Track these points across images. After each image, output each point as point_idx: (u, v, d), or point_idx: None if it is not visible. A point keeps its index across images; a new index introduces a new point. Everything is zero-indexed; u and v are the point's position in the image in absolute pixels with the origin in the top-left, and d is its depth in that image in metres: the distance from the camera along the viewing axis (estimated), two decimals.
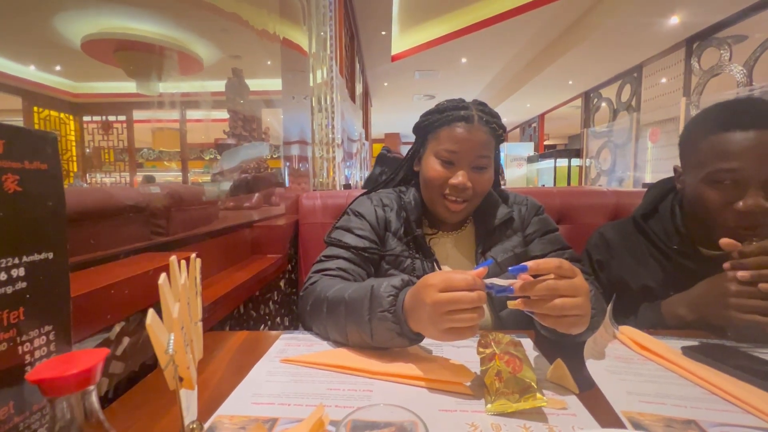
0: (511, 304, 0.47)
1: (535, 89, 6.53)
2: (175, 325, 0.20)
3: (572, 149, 7.33)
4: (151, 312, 0.19)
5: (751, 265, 0.57)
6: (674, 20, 3.92)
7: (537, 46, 5.61)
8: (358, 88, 5.17)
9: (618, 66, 5.35)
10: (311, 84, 2.32)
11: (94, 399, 0.26)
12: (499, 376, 0.42)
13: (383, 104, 8.61)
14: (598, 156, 6.15)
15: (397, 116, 9.49)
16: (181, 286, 0.22)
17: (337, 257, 0.73)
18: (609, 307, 0.59)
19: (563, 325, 0.45)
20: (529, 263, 0.45)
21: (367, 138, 6.56)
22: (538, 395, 0.40)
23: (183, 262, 0.26)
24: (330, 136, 2.57)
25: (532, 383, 0.41)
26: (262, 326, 0.98)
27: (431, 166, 0.74)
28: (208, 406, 0.42)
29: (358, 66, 5.06)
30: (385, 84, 7.11)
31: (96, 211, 0.59)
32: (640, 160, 5.27)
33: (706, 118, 0.70)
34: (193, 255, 0.26)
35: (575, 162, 7.01)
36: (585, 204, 1.26)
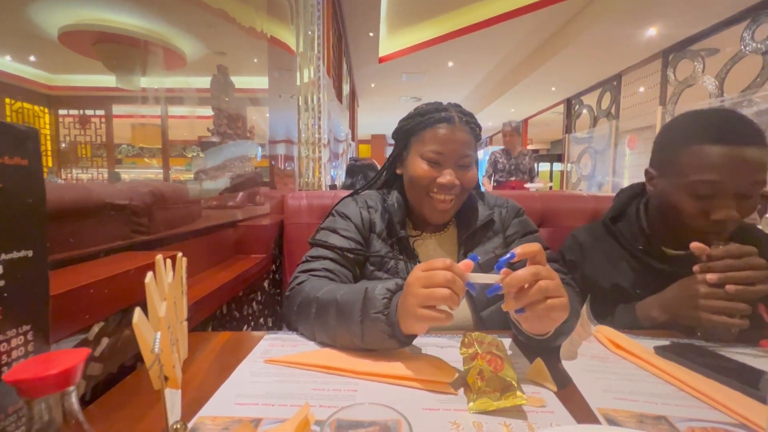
0: (505, 307, 0.48)
1: (520, 95, 6.66)
2: (161, 324, 0.20)
3: (554, 154, 7.50)
4: (137, 311, 0.19)
5: (720, 268, 0.60)
6: (652, 32, 4.06)
7: (522, 53, 5.72)
8: (345, 89, 5.17)
9: (599, 74, 5.51)
10: (298, 83, 2.31)
11: (74, 400, 0.25)
12: (481, 375, 0.43)
13: (370, 105, 8.62)
14: (579, 161, 6.31)
15: (383, 118, 9.51)
16: (168, 285, 0.22)
17: (323, 258, 0.73)
18: (586, 305, 0.61)
19: (551, 308, 0.46)
20: (515, 249, 0.47)
21: (353, 139, 6.56)
22: (519, 393, 0.41)
23: (168, 261, 0.26)
24: (316, 135, 2.56)
25: (513, 382, 0.42)
26: (246, 327, 0.97)
27: (418, 167, 0.75)
28: (190, 407, 0.42)
29: (345, 66, 5.05)
30: (372, 85, 7.13)
31: (75, 208, 0.58)
32: (619, 165, 5.44)
33: (685, 127, 0.72)
34: (180, 254, 0.26)
35: (557, 167, 7.17)
36: (565, 208, 1.30)
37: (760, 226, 1.84)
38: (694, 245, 0.62)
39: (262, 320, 1.10)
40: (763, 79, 3.25)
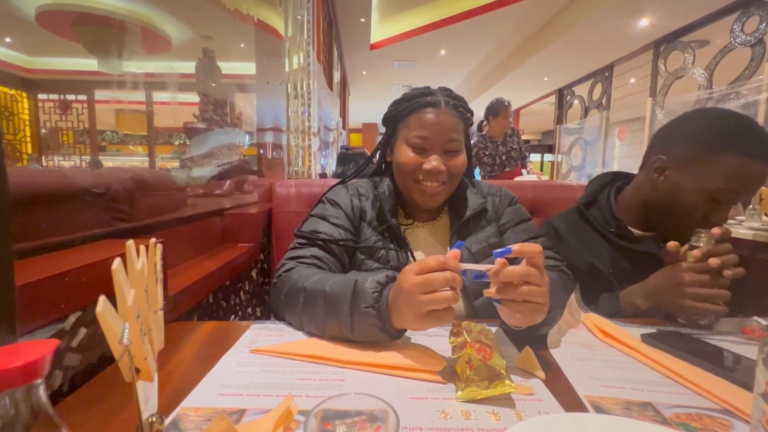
0: (486, 292, 0.48)
1: (512, 84, 6.64)
2: (129, 313, 0.19)
3: (545, 145, 7.53)
4: (102, 299, 0.18)
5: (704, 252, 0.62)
6: (644, 22, 4.06)
7: (514, 42, 5.69)
8: (336, 76, 5.08)
9: (590, 65, 5.51)
10: (287, 69, 2.25)
11: (42, 393, 0.24)
12: (469, 363, 0.43)
13: (361, 93, 8.51)
14: (570, 152, 6.35)
15: (375, 106, 9.41)
16: (138, 272, 0.21)
17: (312, 245, 0.72)
18: (575, 293, 0.61)
19: (525, 310, 0.46)
20: (513, 246, 0.46)
21: (344, 127, 6.49)
22: (507, 382, 0.41)
23: (143, 247, 0.24)
24: (306, 124, 2.52)
25: (502, 370, 0.42)
26: (233, 316, 0.96)
27: (403, 153, 0.74)
28: (172, 398, 0.41)
29: (336, 53, 4.96)
30: (364, 73, 7.03)
31: (50, 193, 0.55)
32: (608, 156, 5.49)
33: (725, 131, 0.70)
34: (153, 240, 0.24)
35: (548, 157, 7.21)
36: (556, 197, 1.30)
37: (743, 218, 1.87)
38: (672, 244, 0.66)
39: (250, 310, 1.09)
40: (751, 72, 3.28)
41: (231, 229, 1.13)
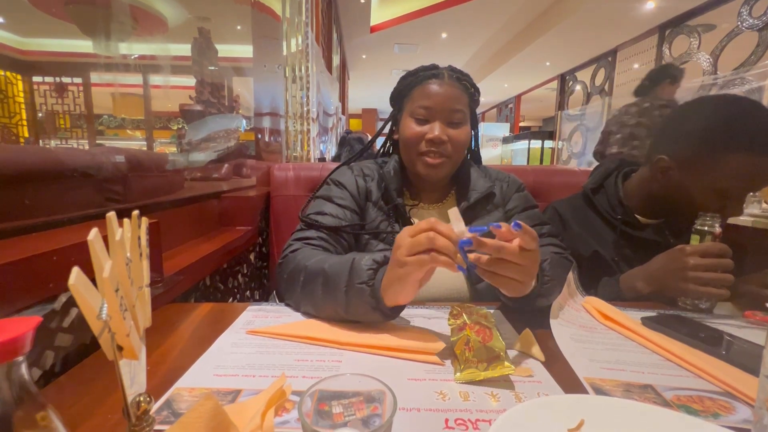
0: (470, 256, 0.47)
1: (514, 69, 6.54)
2: (106, 287, 0.18)
3: (546, 131, 7.46)
4: (75, 270, 0.17)
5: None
6: (650, 5, 3.97)
7: (517, 25, 5.57)
8: (335, 60, 4.99)
9: (594, 49, 5.41)
10: (284, 52, 2.20)
11: (24, 372, 0.23)
12: (468, 345, 0.42)
13: (361, 78, 8.38)
14: (570, 139, 6.29)
15: (375, 91, 9.28)
16: (117, 244, 0.20)
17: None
18: (572, 274, 0.61)
19: (498, 282, 0.47)
20: (522, 223, 0.45)
21: (343, 112, 6.41)
22: (506, 363, 0.40)
23: (126, 221, 0.23)
24: (305, 108, 2.48)
25: (501, 352, 0.41)
26: (231, 299, 0.95)
27: (407, 126, 0.74)
28: (167, 378, 0.40)
29: (335, 35, 4.86)
30: (364, 56, 6.91)
31: (38, 172, 0.54)
32: None
33: (730, 129, 0.67)
34: (136, 212, 0.23)
35: (548, 144, 7.16)
36: (557, 182, 1.29)
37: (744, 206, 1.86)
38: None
39: (248, 293, 1.09)
40: (758, 57, 3.23)
41: (229, 213, 1.11)
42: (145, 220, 0.24)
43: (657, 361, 0.47)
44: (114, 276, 0.18)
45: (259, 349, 0.47)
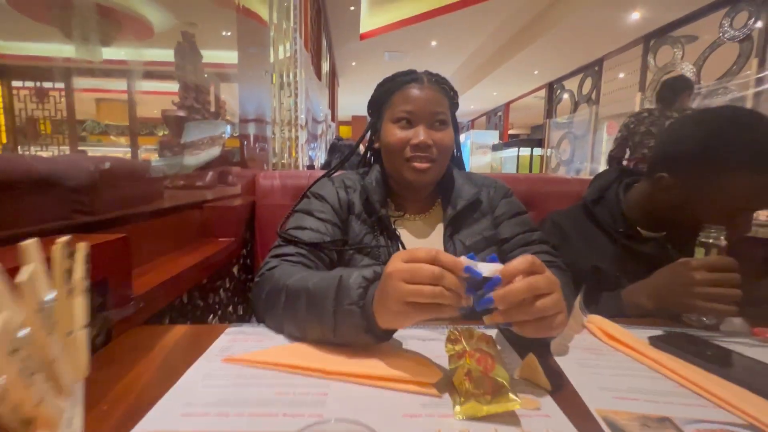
0: (488, 319, 0.41)
1: (502, 77, 6.62)
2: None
3: (535, 139, 7.55)
4: None
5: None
6: (635, 15, 4.06)
7: (506, 33, 5.64)
8: (325, 67, 4.97)
9: (581, 58, 5.51)
10: (271, 59, 2.16)
11: None
12: (469, 375, 0.38)
13: (351, 85, 8.39)
14: (559, 146, 6.37)
15: (365, 98, 9.18)
16: (25, 285, 0.15)
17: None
18: (579, 297, 0.57)
19: (544, 328, 0.40)
20: (501, 270, 0.39)
21: (333, 119, 6.38)
22: (511, 396, 0.36)
23: (61, 247, 0.18)
24: (293, 115, 2.43)
25: (505, 383, 0.37)
26: (211, 316, 0.90)
27: (390, 132, 0.72)
28: (125, 420, 0.35)
29: (324, 42, 4.84)
30: (353, 63, 6.91)
31: None
32: (597, 151, 5.52)
33: (733, 146, 0.64)
34: (63, 239, 0.19)
35: (537, 151, 7.23)
36: (550, 191, 1.27)
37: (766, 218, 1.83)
38: None
39: (231, 308, 1.03)
40: (739, 67, 3.30)
41: (211, 223, 1.06)
42: (82, 247, 0.20)
43: (672, 389, 0.43)
44: (9, 330, 0.13)
45: (235, 380, 0.42)
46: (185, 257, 0.82)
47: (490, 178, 0.82)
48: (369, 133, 0.81)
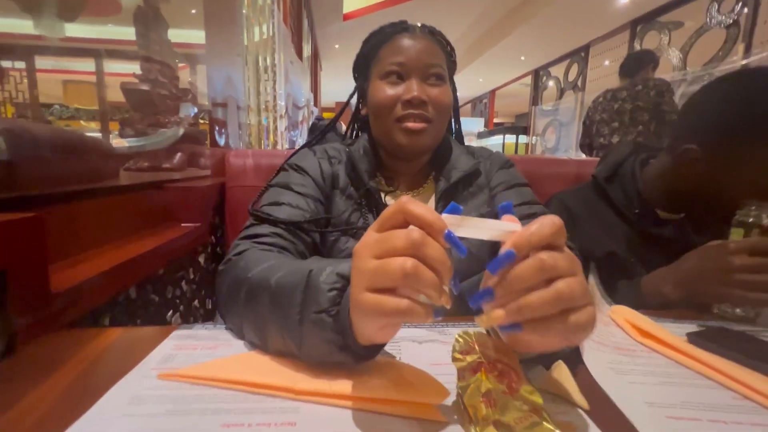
0: (483, 320, 0.28)
1: (489, 63, 6.52)
2: None
3: (520, 126, 7.54)
4: None
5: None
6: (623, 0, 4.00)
7: (492, 18, 5.53)
8: (306, 49, 4.75)
9: (567, 44, 5.46)
10: (244, 38, 1.99)
11: None
12: (487, 397, 0.28)
13: (335, 69, 8.13)
14: (544, 134, 6.35)
15: (349, 83, 9.01)
16: None
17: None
18: (593, 278, 0.49)
19: (571, 328, 0.26)
20: (515, 240, 0.26)
21: (316, 104, 6.18)
22: (547, 425, 0.26)
23: None
24: (268, 101, 2.29)
25: (538, 405, 0.27)
26: (171, 313, 0.78)
27: (378, 89, 0.62)
28: None
29: (306, 22, 4.62)
30: (336, 46, 6.68)
31: None
32: None
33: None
34: None
35: (522, 139, 7.22)
36: (546, 173, 1.20)
37: None
38: None
39: (196, 303, 0.91)
40: (725, 53, 3.29)
41: (172, 206, 0.93)
42: None
43: (731, 400, 0.34)
44: None
45: (172, 405, 0.31)
46: (135, 244, 0.69)
47: (487, 149, 0.74)
48: (355, 101, 0.71)
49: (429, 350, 0.41)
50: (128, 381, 0.35)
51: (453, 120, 0.74)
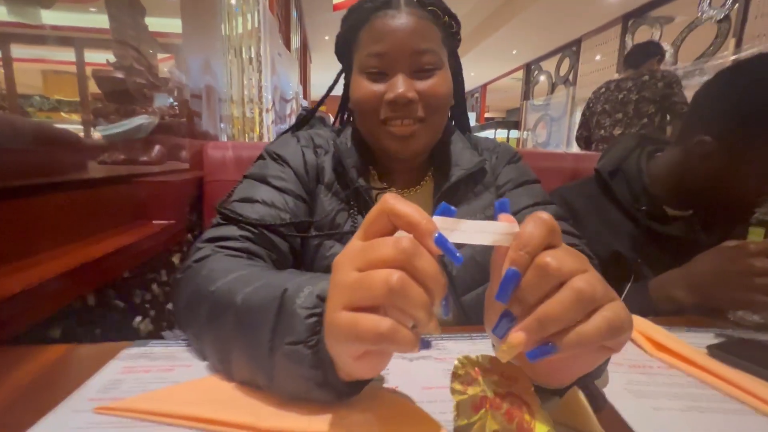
0: (504, 352, 0.23)
1: (481, 57, 6.47)
2: None
3: (511, 121, 7.52)
4: None
5: None
6: None
7: (484, 11, 5.47)
8: (295, 41, 4.63)
9: (559, 38, 5.43)
10: (224, 27, 1.90)
11: None
12: None
13: (325, 61, 7.98)
14: (535, 129, 6.34)
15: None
16: None
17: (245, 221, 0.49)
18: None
19: (606, 332, 0.21)
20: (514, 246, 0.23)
21: (305, 97, 6.06)
22: None
23: None
24: (257, 95, 2.21)
25: None
26: (140, 319, 0.71)
27: (358, 87, 0.52)
28: None
29: (294, 13, 4.50)
30: (326, 38, 6.55)
31: None
32: (573, 134, 5.51)
33: None
34: None
35: (513, 134, 7.20)
36: (543, 167, 1.14)
37: None
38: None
39: (170, 306, 0.84)
40: (716, 48, 3.29)
41: (143, 202, 0.86)
42: None
43: (765, 425, 0.30)
44: None
45: None
46: (96, 246, 0.62)
47: (491, 140, 0.65)
48: (343, 88, 0.63)
49: (421, 370, 0.35)
50: (57, 416, 0.29)
51: (456, 107, 0.64)
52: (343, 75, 0.61)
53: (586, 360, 0.25)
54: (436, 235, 0.22)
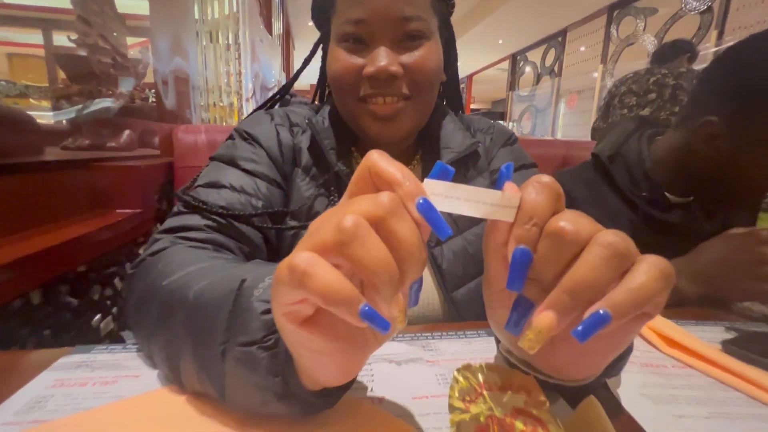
0: (527, 340, 0.19)
1: (467, 46, 6.41)
2: None
3: (497, 112, 7.53)
4: None
5: None
6: None
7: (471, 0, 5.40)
8: (277, 26, 4.48)
9: (545, 28, 5.42)
10: (195, 9, 1.80)
11: None
12: None
13: (309, 48, 7.80)
14: (521, 120, 6.36)
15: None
16: None
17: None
18: None
19: (650, 289, 0.18)
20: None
21: None
22: None
23: None
24: (231, 81, 2.11)
25: None
26: (99, 317, 0.65)
27: (334, 59, 0.46)
28: None
29: None
30: (310, 23, 6.37)
31: None
32: (558, 124, 5.54)
33: None
34: None
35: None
36: (533, 154, 1.11)
37: None
38: None
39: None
40: (699, 39, 3.32)
41: (105, 190, 0.78)
42: None
43: None
44: None
45: None
46: (44, 237, 0.55)
47: (486, 120, 0.60)
48: (321, 60, 0.56)
49: (410, 375, 0.31)
50: None
51: (447, 83, 0.58)
52: (321, 45, 0.54)
53: (622, 335, 0.20)
54: (421, 200, 0.18)
